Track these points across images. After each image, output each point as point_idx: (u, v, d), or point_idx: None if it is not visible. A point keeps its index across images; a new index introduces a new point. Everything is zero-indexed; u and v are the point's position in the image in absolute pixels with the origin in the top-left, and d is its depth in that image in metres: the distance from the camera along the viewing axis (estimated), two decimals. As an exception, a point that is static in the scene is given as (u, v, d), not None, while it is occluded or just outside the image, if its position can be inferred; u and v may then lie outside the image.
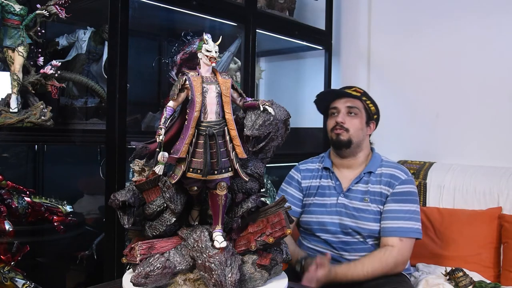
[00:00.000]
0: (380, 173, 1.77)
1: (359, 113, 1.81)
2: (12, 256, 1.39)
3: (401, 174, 1.76)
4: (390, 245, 1.66)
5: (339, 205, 1.77)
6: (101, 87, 1.92)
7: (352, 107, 1.80)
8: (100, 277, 1.73)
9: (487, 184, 2.08)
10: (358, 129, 1.79)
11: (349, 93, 1.82)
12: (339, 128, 1.79)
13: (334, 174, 1.83)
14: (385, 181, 1.75)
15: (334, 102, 1.84)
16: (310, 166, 1.91)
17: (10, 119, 1.50)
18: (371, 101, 1.86)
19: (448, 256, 2.00)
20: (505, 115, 2.26)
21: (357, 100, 1.82)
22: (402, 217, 1.68)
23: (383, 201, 1.73)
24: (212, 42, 0.93)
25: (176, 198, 0.97)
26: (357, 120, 1.80)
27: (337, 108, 1.82)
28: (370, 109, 1.84)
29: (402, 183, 1.73)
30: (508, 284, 1.84)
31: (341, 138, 1.78)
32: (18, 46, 1.52)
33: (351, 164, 1.83)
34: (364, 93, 1.86)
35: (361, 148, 1.82)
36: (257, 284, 1.00)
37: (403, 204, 1.70)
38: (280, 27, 2.47)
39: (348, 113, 1.80)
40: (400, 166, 1.82)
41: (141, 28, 2.29)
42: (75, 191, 2.15)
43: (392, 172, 1.77)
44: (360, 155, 1.83)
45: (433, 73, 2.49)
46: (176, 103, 0.91)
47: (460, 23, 2.41)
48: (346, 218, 1.74)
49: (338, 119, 1.80)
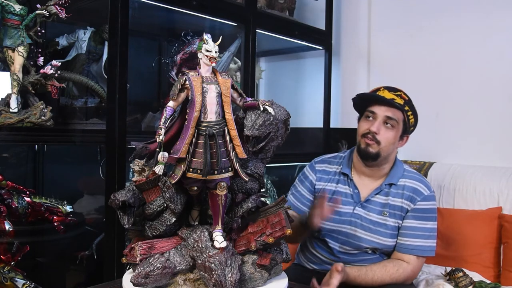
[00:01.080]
0: (403, 185, 1.68)
1: (396, 126, 1.66)
2: (12, 256, 1.39)
3: (424, 189, 1.66)
4: (406, 261, 1.61)
5: (354, 215, 1.67)
6: (101, 87, 1.92)
7: (391, 118, 1.65)
8: (100, 277, 1.73)
9: (487, 184, 2.08)
10: (390, 143, 1.66)
11: (392, 101, 1.65)
12: (371, 138, 1.65)
13: (353, 182, 1.72)
14: (407, 195, 1.65)
15: (373, 106, 1.68)
16: (327, 168, 1.80)
17: (10, 119, 1.50)
18: (413, 112, 1.70)
19: (448, 256, 2.00)
20: (505, 115, 2.26)
21: (398, 111, 1.66)
22: (421, 235, 1.61)
23: (403, 216, 1.65)
24: (212, 42, 0.93)
25: (176, 198, 0.97)
26: (392, 133, 1.66)
27: (374, 114, 1.67)
28: (409, 122, 1.69)
29: (424, 199, 1.65)
30: (508, 284, 1.84)
31: (370, 150, 1.65)
32: (18, 46, 1.52)
33: (373, 174, 1.72)
34: (408, 101, 1.69)
35: (387, 160, 1.70)
36: (257, 284, 1.00)
37: (424, 222, 1.63)
38: (280, 27, 2.47)
39: (384, 122, 1.65)
40: (423, 179, 1.71)
41: (141, 28, 2.29)
42: (75, 191, 2.15)
43: (415, 186, 1.67)
44: (385, 166, 1.71)
45: (433, 73, 2.49)
46: (176, 103, 0.91)
47: (460, 23, 2.41)
48: (361, 230, 1.65)
49: (373, 128, 1.65)
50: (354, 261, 1.67)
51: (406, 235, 1.63)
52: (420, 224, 1.63)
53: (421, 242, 1.61)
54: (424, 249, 1.61)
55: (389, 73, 2.65)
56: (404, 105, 1.67)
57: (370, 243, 1.64)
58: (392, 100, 1.66)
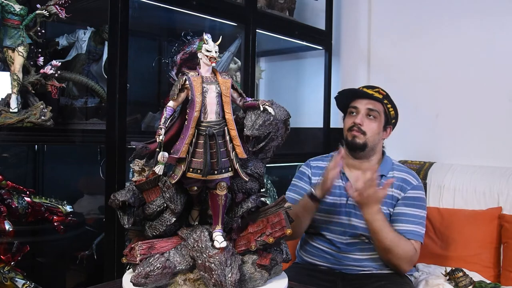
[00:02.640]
0: (392, 176, 1.76)
1: (378, 117, 1.78)
2: (12, 256, 1.39)
3: (412, 180, 1.77)
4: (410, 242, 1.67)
5: (349, 205, 1.75)
6: (101, 87, 1.92)
7: (372, 109, 1.77)
8: (100, 277, 1.73)
9: (487, 184, 2.08)
10: (375, 133, 1.77)
11: (371, 95, 1.79)
12: (356, 130, 1.76)
13: (345, 175, 1.81)
14: (397, 185, 1.75)
15: (354, 101, 1.81)
16: (320, 164, 1.89)
17: (10, 119, 1.50)
18: (392, 105, 1.83)
19: (448, 256, 2.00)
20: (505, 115, 2.26)
21: (378, 103, 1.79)
22: (413, 221, 1.69)
23: (394, 204, 1.73)
24: (212, 42, 0.93)
25: (176, 198, 0.96)
26: (375, 124, 1.77)
27: (357, 108, 1.79)
28: (390, 114, 1.82)
29: (413, 189, 1.75)
30: (508, 284, 1.84)
31: (357, 141, 1.76)
32: (18, 46, 1.52)
33: (362, 166, 1.81)
34: (386, 95, 1.82)
35: (374, 151, 1.81)
36: (257, 284, 1.00)
37: (414, 209, 1.71)
38: (280, 27, 2.47)
39: (367, 115, 1.77)
40: (411, 171, 1.82)
41: (141, 28, 2.29)
42: (75, 191, 2.15)
43: (404, 177, 1.77)
44: (373, 158, 1.82)
45: (433, 73, 2.49)
46: (176, 103, 0.91)
47: (460, 23, 2.42)
48: (355, 219, 1.72)
49: (357, 120, 1.76)
50: (353, 250, 1.73)
51: (400, 220, 1.70)
52: (410, 211, 1.70)
53: (413, 227, 1.68)
54: (416, 233, 1.68)
55: (389, 73, 2.65)
56: (383, 98, 1.80)
57: (364, 230, 1.70)
58: (372, 95, 1.79)
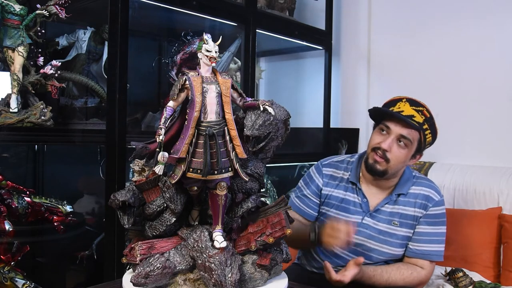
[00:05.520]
0: (414, 193, 1.64)
1: (410, 145, 1.57)
2: (12, 256, 1.39)
3: (435, 195, 1.64)
4: (420, 266, 1.60)
5: (363, 225, 1.62)
6: (101, 87, 1.92)
7: (405, 137, 1.56)
8: (100, 277, 1.73)
9: (487, 184, 2.08)
10: (400, 162, 1.58)
11: (409, 122, 1.55)
12: (380, 155, 1.57)
13: (362, 191, 1.66)
14: (420, 204, 1.62)
15: (389, 121, 1.59)
16: (334, 174, 1.73)
17: (10, 119, 1.50)
18: (432, 131, 1.61)
19: (448, 256, 1.99)
20: (505, 115, 2.26)
21: (415, 132, 1.57)
22: (434, 240, 1.61)
23: (415, 224, 1.62)
24: (212, 42, 0.93)
25: (176, 198, 0.96)
26: (403, 152, 1.58)
27: (389, 129, 1.58)
28: (426, 141, 1.61)
29: (435, 205, 1.63)
30: (508, 284, 1.84)
31: (377, 167, 1.59)
32: (18, 46, 1.52)
33: (381, 185, 1.66)
34: (428, 119, 1.60)
35: (395, 175, 1.64)
36: (257, 284, 1.00)
37: (436, 227, 1.62)
38: (280, 27, 2.47)
39: (398, 140, 1.57)
40: (433, 185, 1.68)
41: (141, 28, 2.29)
42: (75, 191, 2.15)
43: (426, 193, 1.64)
44: (394, 179, 1.65)
45: (433, 73, 2.49)
46: (176, 103, 0.91)
47: (460, 23, 2.42)
48: (370, 240, 1.62)
49: (384, 145, 1.56)
50: None
51: (420, 240, 1.61)
52: (433, 230, 1.61)
53: (434, 247, 1.61)
54: (437, 254, 1.61)
55: (389, 73, 2.65)
56: (423, 123, 1.58)
57: (379, 253, 1.62)
58: (411, 118, 1.57)
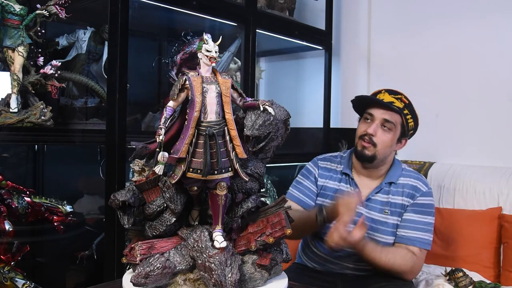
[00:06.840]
0: (402, 183, 1.71)
1: (394, 129, 1.68)
2: (12, 256, 1.39)
3: (422, 186, 1.71)
4: (411, 251, 1.63)
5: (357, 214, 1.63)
6: (101, 87, 1.92)
7: (388, 120, 1.67)
8: (100, 277, 1.73)
9: (487, 184, 2.08)
10: (387, 145, 1.68)
11: (390, 104, 1.67)
12: (367, 140, 1.68)
13: (354, 181, 1.75)
14: (407, 193, 1.70)
15: (372, 108, 1.71)
16: (329, 166, 1.82)
17: (10, 119, 1.50)
18: (412, 116, 1.72)
19: (448, 256, 2.00)
20: (505, 115, 2.26)
21: (396, 115, 1.68)
22: (422, 229, 1.65)
23: (403, 212, 1.68)
24: (212, 42, 0.93)
25: (176, 198, 0.96)
26: (389, 136, 1.68)
27: (372, 116, 1.69)
28: (408, 125, 1.71)
29: (423, 195, 1.69)
30: (508, 284, 1.84)
31: (366, 153, 1.68)
32: (18, 46, 1.52)
33: (371, 174, 1.75)
34: (408, 105, 1.70)
35: (384, 162, 1.73)
36: (257, 284, 1.00)
37: (423, 216, 1.66)
38: (280, 27, 2.47)
39: (382, 125, 1.68)
40: (421, 177, 1.76)
41: (141, 28, 2.29)
42: (75, 191, 2.15)
43: (414, 184, 1.71)
44: (383, 167, 1.74)
45: (433, 73, 2.49)
46: (176, 103, 0.91)
47: (460, 23, 2.41)
48: None
49: (370, 130, 1.67)
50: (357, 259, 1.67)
51: (407, 227, 1.66)
52: (419, 218, 1.66)
53: (421, 234, 1.64)
54: (425, 241, 1.64)
55: (389, 73, 2.65)
56: (403, 108, 1.69)
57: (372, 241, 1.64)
58: (391, 103, 1.67)
